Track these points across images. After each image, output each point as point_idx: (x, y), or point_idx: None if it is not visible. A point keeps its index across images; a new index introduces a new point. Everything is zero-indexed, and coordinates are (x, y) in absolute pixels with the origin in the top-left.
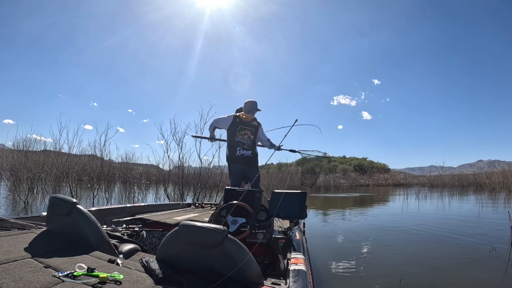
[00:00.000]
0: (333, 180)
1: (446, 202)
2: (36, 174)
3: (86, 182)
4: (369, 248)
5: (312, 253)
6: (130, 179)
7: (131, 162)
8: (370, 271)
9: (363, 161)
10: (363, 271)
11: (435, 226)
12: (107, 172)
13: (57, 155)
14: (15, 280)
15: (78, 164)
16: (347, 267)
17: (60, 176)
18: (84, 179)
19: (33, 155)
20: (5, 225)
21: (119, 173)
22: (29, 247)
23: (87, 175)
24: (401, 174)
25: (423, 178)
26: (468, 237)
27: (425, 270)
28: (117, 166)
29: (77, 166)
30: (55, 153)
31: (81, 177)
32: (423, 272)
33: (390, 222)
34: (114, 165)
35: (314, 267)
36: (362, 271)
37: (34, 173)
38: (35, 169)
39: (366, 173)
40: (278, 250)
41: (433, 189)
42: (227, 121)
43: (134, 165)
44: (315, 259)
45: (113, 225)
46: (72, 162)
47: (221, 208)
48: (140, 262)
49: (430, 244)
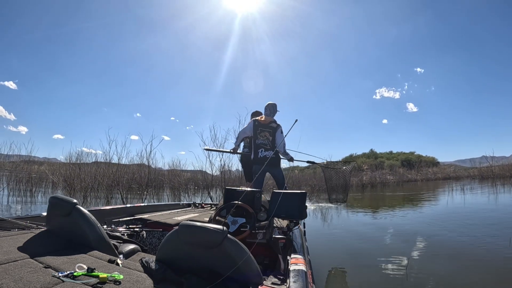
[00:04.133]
0: (379, 177)
1: (492, 196)
2: (89, 184)
3: (135, 189)
4: (369, 248)
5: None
6: (177, 185)
7: (179, 169)
8: (370, 271)
9: (411, 155)
10: (363, 271)
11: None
12: (154, 179)
13: (107, 166)
14: (15, 280)
15: (128, 173)
16: (347, 267)
17: (111, 184)
18: (133, 187)
19: (86, 167)
20: (5, 225)
21: (167, 180)
22: (29, 247)
23: (136, 182)
24: (451, 167)
25: (473, 170)
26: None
27: (426, 271)
28: (165, 173)
29: (127, 175)
30: (106, 164)
31: (131, 185)
32: (423, 272)
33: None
34: (163, 173)
35: (314, 267)
36: (362, 271)
37: (87, 183)
38: (88, 179)
39: (414, 168)
40: (278, 250)
41: (484, 182)
42: (249, 127)
43: (182, 172)
44: (315, 259)
45: (113, 225)
46: (122, 172)
47: (221, 208)
48: (140, 262)
49: (436, 245)
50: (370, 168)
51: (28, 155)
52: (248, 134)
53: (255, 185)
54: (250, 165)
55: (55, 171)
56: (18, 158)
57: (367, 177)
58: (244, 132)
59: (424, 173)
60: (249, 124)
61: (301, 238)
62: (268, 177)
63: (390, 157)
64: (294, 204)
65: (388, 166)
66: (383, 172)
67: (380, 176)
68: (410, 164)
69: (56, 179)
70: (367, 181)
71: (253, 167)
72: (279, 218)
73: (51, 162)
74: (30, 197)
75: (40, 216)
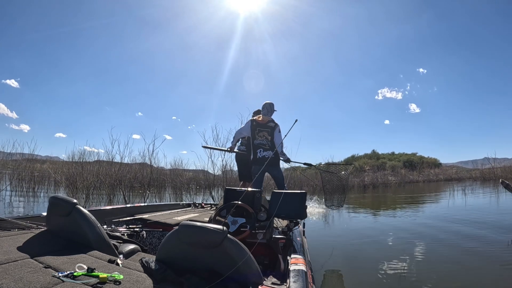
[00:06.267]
0: (381, 178)
1: (494, 198)
2: (91, 183)
3: (137, 188)
4: (370, 249)
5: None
6: (179, 185)
7: (180, 168)
8: (370, 271)
9: (413, 156)
10: (363, 271)
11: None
12: (156, 178)
13: (110, 165)
14: (15, 280)
15: (130, 172)
16: (347, 268)
17: (113, 184)
18: (135, 186)
19: (88, 166)
20: (5, 225)
21: (169, 179)
22: (29, 247)
23: (139, 182)
24: (453, 168)
25: (475, 171)
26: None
27: (426, 272)
28: (167, 172)
29: (129, 174)
30: (108, 163)
31: (133, 184)
32: (423, 273)
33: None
34: (165, 172)
35: (314, 267)
36: (362, 271)
37: (90, 182)
38: (91, 178)
39: (416, 169)
40: (278, 250)
41: (486, 183)
42: (247, 127)
43: (184, 171)
44: (315, 259)
45: (113, 225)
46: (124, 171)
47: (221, 208)
48: (140, 262)
49: (437, 244)
50: (372, 169)
51: (30, 153)
52: (245, 134)
53: (254, 186)
54: (246, 164)
55: (58, 170)
56: (20, 156)
57: (369, 178)
58: (240, 133)
59: (426, 174)
60: (246, 124)
61: (301, 238)
62: (268, 177)
63: (392, 158)
64: (294, 204)
65: (390, 167)
66: (385, 173)
67: (381, 177)
68: (412, 165)
69: (58, 177)
70: (368, 182)
71: (252, 167)
72: (279, 218)
73: (53, 160)
74: (33, 196)
75: (40, 216)
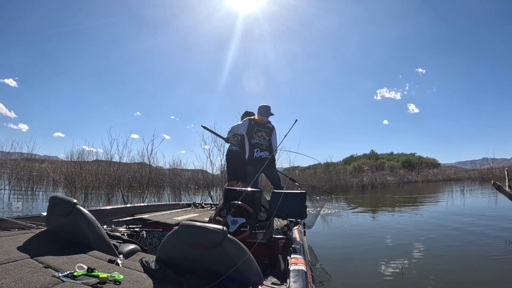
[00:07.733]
0: (379, 178)
1: (492, 198)
2: (90, 182)
3: (136, 188)
4: (369, 249)
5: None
6: (177, 185)
7: (179, 168)
8: (370, 271)
9: (411, 156)
10: (363, 271)
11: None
12: (155, 178)
13: (108, 165)
14: (15, 280)
15: (129, 171)
16: (347, 267)
17: (112, 183)
18: (134, 186)
19: (87, 165)
20: (5, 225)
21: (167, 179)
22: (29, 247)
23: (137, 181)
24: (451, 168)
25: (474, 172)
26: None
27: (425, 272)
28: (166, 172)
29: (128, 174)
30: (107, 163)
31: (132, 183)
32: (422, 273)
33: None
34: (163, 172)
35: (314, 267)
36: (362, 271)
37: (89, 181)
38: (90, 178)
39: (414, 169)
40: (278, 250)
41: (484, 184)
42: (244, 126)
43: (183, 171)
44: (315, 259)
45: (113, 225)
46: (123, 170)
47: (221, 208)
48: (140, 262)
49: (436, 244)
50: (370, 169)
51: (29, 153)
52: (241, 131)
53: (251, 186)
54: (237, 163)
55: (56, 169)
56: (19, 156)
57: (368, 178)
58: (237, 129)
59: (425, 175)
60: (244, 122)
61: (301, 238)
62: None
63: (391, 158)
64: (294, 204)
65: (389, 167)
66: (383, 173)
67: (380, 177)
68: (410, 165)
69: (57, 177)
70: (367, 182)
71: (248, 167)
72: (279, 218)
73: (52, 160)
74: (31, 195)
75: (40, 216)
